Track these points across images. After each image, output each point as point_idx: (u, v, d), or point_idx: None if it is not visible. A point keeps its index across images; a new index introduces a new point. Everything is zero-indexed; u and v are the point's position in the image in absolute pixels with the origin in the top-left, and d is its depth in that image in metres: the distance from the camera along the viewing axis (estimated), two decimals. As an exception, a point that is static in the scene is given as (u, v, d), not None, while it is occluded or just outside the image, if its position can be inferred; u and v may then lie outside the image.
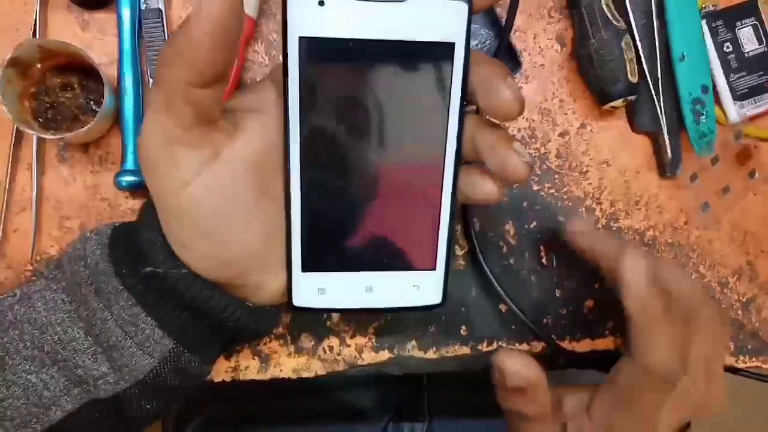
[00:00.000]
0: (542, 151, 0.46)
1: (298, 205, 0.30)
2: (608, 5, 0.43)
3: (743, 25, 0.46)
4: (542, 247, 0.46)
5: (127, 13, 0.43)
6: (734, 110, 0.46)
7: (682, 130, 0.46)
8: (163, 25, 0.43)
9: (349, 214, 0.31)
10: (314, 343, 0.44)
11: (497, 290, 0.44)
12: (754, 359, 0.48)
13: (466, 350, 0.45)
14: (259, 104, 0.29)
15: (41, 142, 0.43)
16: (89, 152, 0.44)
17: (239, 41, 0.25)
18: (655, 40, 0.45)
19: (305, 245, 0.31)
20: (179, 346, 0.30)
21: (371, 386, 0.62)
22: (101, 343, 0.29)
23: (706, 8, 0.46)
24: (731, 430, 1.10)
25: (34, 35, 0.43)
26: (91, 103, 0.43)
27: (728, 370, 0.48)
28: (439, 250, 0.32)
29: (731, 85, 0.46)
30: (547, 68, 0.46)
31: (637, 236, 0.47)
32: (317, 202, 0.30)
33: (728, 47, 0.46)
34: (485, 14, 0.44)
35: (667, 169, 0.46)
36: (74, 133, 0.40)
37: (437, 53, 0.27)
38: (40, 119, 0.43)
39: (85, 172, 0.44)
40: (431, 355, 0.45)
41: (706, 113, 0.45)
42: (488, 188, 0.30)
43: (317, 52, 0.27)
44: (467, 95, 0.29)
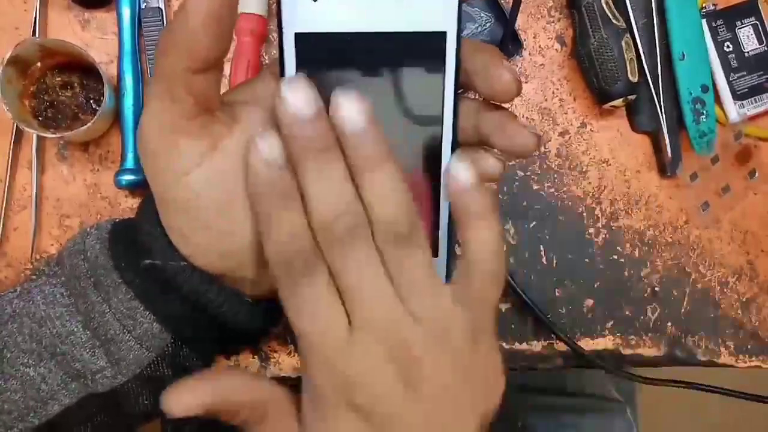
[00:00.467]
0: (542, 150, 0.46)
1: None
2: (608, 4, 0.43)
3: (743, 24, 0.46)
4: (542, 246, 0.46)
5: (127, 12, 0.43)
6: (734, 110, 0.46)
7: (682, 129, 0.46)
8: (163, 23, 0.43)
9: None
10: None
11: (512, 285, 0.44)
12: (753, 359, 0.48)
13: (465, 349, 0.45)
14: (256, 97, 0.29)
15: (41, 140, 0.43)
16: (89, 151, 0.44)
17: (234, 25, 0.26)
18: (655, 39, 0.45)
19: None
20: (177, 340, 0.30)
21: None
22: (99, 336, 0.29)
23: (706, 8, 0.46)
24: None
25: (34, 34, 0.43)
26: (91, 101, 0.43)
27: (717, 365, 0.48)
28: (440, 236, 0.33)
29: (731, 84, 0.46)
30: (547, 67, 0.46)
31: (636, 235, 0.47)
32: None
33: (728, 47, 0.46)
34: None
35: (667, 168, 0.46)
36: (74, 131, 0.40)
37: (430, 43, 0.28)
38: (40, 118, 0.43)
39: (85, 170, 0.44)
40: (431, 354, 0.45)
41: (706, 113, 0.45)
42: (491, 162, 0.31)
43: (313, 47, 0.27)
44: (460, 82, 0.30)
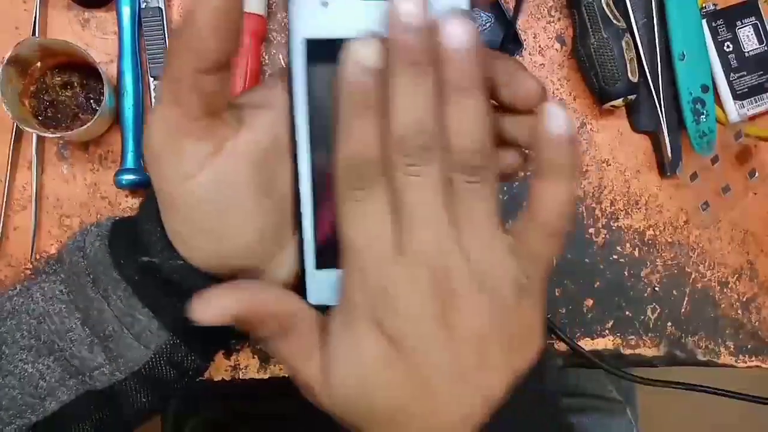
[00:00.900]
0: (542, 150, 0.46)
1: (309, 204, 0.30)
2: (608, 4, 0.43)
3: (743, 24, 0.46)
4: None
5: (127, 11, 0.43)
6: (734, 110, 0.46)
7: (682, 129, 0.46)
8: (163, 23, 0.43)
9: None
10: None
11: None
12: (753, 359, 0.48)
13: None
14: (264, 101, 0.29)
15: (41, 140, 0.43)
16: (89, 151, 0.44)
17: (241, 27, 0.26)
18: (655, 39, 0.45)
19: (318, 243, 0.31)
20: (175, 338, 0.30)
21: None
22: (98, 333, 0.29)
23: (706, 8, 0.46)
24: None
25: (34, 34, 0.43)
26: (90, 101, 0.43)
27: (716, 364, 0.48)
28: None
29: (731, 84, 0.46)
30: (547, 67, 0.46)
31: (636, 235, 0.47)
32: (328, 200, 0.30)
33: (728, 47, 0.46)
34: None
35: (667, 168, 0.46)
36: (74, 131, 0.40)
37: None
38: (39, 118, 0.42)
39: (84, 170, 0.44)
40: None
41: (706, 112, 0.45)
42: (509, 159, 0.31)
43: (322, 52, 0.27)
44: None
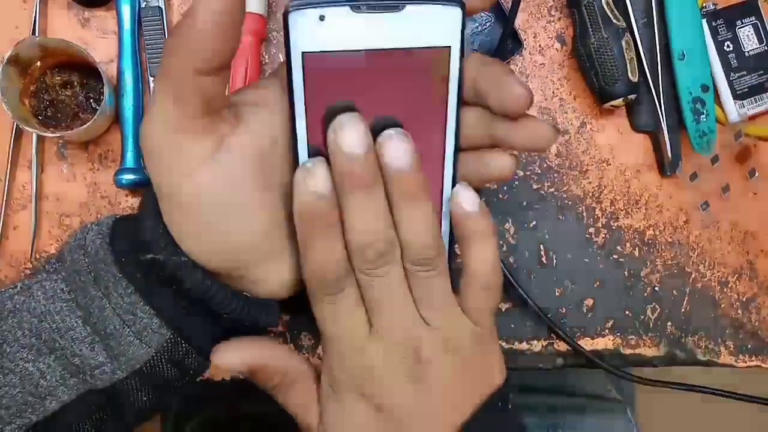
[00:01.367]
0: (542, 150, 0.46)
1: None
2: (608, 4, 0.43)
3: (744, 24, 0.46)
4: (542, 246, 0.46)
5: (127, 11, 0.43)
6: (734, 109, 0.46)
7: (682, 129, 0.46)
8: (163, 23, 0.43)
9: None
10: (314, 341, 0.44)
11: (513, 283, 0.44)
12: (753, 358, 0.48)
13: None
14: (262, 99, 0.29)
15: (41, 140, 0.43)
16: (89, 150, 0.44)
17: (241, 28, 0.26)
18: (655, 39, 0.45)
19: None
20: (176, 336, 0.30)
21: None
22: (99, 331, 0.29)
23: (706, 7, 0.46)
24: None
25: (34, 33, 0.43)
26: (90, 101, 0.43)
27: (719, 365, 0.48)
28: (441, 236, 0.33)
29: (731, 84, 0.46)
30: (547, 67, 0.46)
31: (636, 235, 0.47)
32: None
33: (728, 46, 0.46)
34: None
35: (667, 168, 0.46)
36: (74, 131, 0.40)
37: (434, 57, 0.28)
38: (39, 117, 0.43)
39: (84, 170, 0.44)
40: (431, 353, 0.45)
41: (706, 112, 0.45)
42: (503, 161, 0.31)
43: (321, 65, 0.27)
44: (470, 97, 0.30)
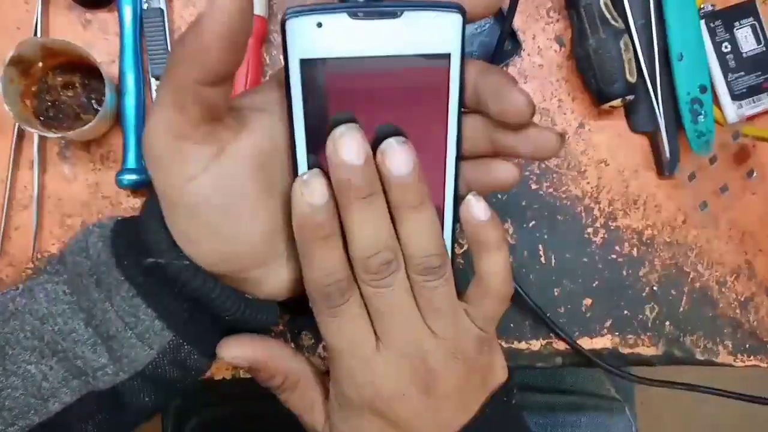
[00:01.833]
0: (541, 150, 0.46)
1: None
2: (607, 5, 0.43)
3: (742, 25, 0.46)
4: (541, 246, 0.46)
5: (128, 12, 0.43)
6: (732, 110, 0.46)
7: (680, 129, 0.46)
8: (164, 24, 0.43)
9: None
10: (314, 341, 0.45)
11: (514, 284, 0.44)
12: (752, 358, 0.48)
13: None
14: (264, 104, 0.29)
15: (43, 140, 0.43)
16: (90, 151, 0.44)
17: (248, 42, 0.26)
18: (653, 39, 0.45)
19: None
20: (179, 338, 0.30)
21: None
22: (101, 334, 0.30)
23: (704, 8, 0.46)
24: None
25: (36, 34, 0.43)
26: (92, 101, 0.43)
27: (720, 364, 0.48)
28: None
29: (729, 84, 0.46)
30: (545, 68, 0.47)
31: (635, 235, 0.47)
32: None
33: (726, 47, 0.46)
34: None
35: (665, 168, 0.46)
36: (76, 131, 0.40)
37: (434, 64, 0.28)
38: (41, 118, 0.43)
39: (86, 170, 0.44)
40: (430, 353, 0.45)
41: (704, 113, 0.45)
42: (507, 168, 0.31)
43: (319, 72, 0.27)
44: (471, 104, 0.30)
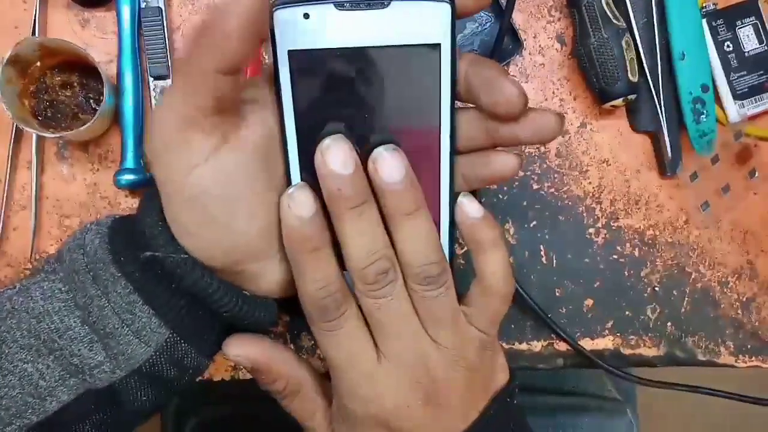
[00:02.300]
0: (542, 150, 0.46)
1: None
2: (608, 4, 0.43)
3: (744, 24, 0.46)
4: (542, 246, 0.46)
5: (126, 11, 0.43)
6: (734, 109, 0.46)
7: (682, 129, 0.46)
8: (162, 23, 0.43)
9: None
10: (313, 342, 0.44)
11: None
12: (753, 359, 0.48)
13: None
14: (262, 97, 0.30)
15: (41, 140, 0.43)
16: (89, 151, 0.44)
17: (265, 32, 0.26)
18: (655, 39, 0.45)
19: None
20: (176, 335, 0.30)
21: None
22: (98, 331, 0.29)
23: (706, 7, 0.46)
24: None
25: (33, 33, 0.43)
26: (90, 101, 0.43)
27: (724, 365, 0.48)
28: (441, 241, 0.33)
29: (731, 84, 0.46)
30: (547, 67, 0.46)
31: (637, 235, 0.47)
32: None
33: (728, 46, 0.46)
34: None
35: (667, 168, 0.46)
36: (74, 131, 0.40)
37: (424, 55, 0.28)
38: (39, 118, 0.42)
39: (84, 170, 0.44)
40: (431, 354, 0.45)
41: (706, 112, 0.45)
42: (508, 160, 0.31)
43: (307, 63, 0.27)
44: (463, 97, 0.30)
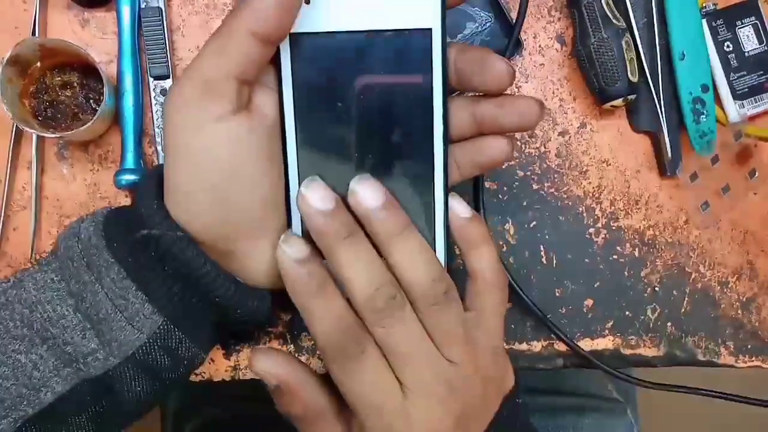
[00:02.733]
0: (542, 150, 0.46)
1: (295, 186, 0.31)
2: (608, 4, 0.43)
3: (744, 24, 0.46)
4: (542, 246, 0.46)
5: (126, 11, 0.43)
6: (734, 110, 0.46)
7: (682, 129, 0.46)
8: (163, 23, 0.43)
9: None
10: (314, 342, 0.44)
11: (512, 283, 0.44)
12: (754, 359, 0.48)
13: (465, 349, 0.45)
14: (267, 81, 0.31)
15: (41, 140, 0.43)
16: (89, 151, 0.44)
17: (299, 10, 0.27)
18: (655, 39, 0.45)
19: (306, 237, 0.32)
20: (169, 322, 0.30)
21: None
22: (90, 318, 0.30)
23: (706, 7, 0.46)
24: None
25: (33, 34, 0.43)
26: (90, 101, 0.43)
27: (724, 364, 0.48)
28: (436, 231, 0.33)
29: (731, 84, 0.46)
30: (547, 67, 0.46)
31: (636, 235, 0.47)
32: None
33: (728, 46, 0.46)
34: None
35: (667, 168, 0.46)
36: (74, 131, 0.40)
37: (417, 39, 0.30)
38: (39, 118, 0.43)
39: (84, 170, 0.44)
40: (431, 354, 0.45)
41: (706, 112, 0.45)
42: (499, 144, 0.32)
43: (306, 46, 0.29)
44: (456, 83, 0.32)
